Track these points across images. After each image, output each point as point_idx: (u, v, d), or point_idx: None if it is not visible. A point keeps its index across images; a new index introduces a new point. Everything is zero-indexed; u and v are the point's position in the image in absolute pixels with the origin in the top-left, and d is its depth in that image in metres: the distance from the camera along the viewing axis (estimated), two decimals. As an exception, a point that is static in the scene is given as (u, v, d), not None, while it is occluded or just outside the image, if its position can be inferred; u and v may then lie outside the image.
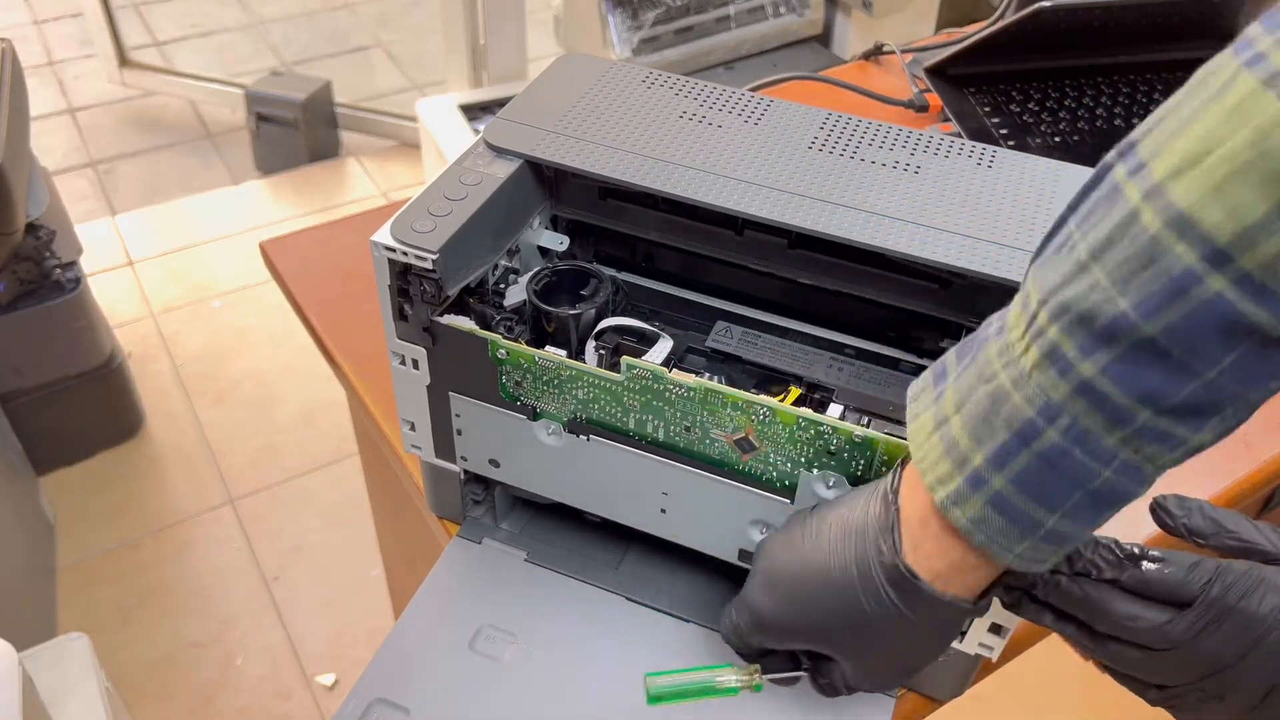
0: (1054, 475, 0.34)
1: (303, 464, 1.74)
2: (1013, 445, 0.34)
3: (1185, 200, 0.29)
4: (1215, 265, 0.29)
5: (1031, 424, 0.33)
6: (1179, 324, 0.30)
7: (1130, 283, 0.31)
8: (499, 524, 0.60)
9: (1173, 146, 0.30)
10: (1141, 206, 0.30)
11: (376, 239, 0.46)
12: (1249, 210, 0.28)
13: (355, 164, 2.47)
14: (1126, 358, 0.31)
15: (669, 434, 0.49)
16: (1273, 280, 0.29)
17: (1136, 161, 0.32)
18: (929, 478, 0.36)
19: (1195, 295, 0.30)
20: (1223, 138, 0.29)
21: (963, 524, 0.36)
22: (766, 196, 0.49)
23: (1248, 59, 0.29)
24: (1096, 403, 0.32)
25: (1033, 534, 0.35)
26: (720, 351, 0.53)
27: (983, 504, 0.35)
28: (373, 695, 0.51)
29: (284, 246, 0.83)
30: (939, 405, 0.37)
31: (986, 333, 0.36)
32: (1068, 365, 0.32)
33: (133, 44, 2.68)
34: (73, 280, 1.54)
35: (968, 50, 0.93)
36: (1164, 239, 0.30)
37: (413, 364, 0.51)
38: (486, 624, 0.55)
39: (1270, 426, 0.71)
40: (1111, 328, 0.31)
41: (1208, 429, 0.33)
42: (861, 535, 0.40)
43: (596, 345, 0.51)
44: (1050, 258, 0.34)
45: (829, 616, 0.41)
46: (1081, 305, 0.31)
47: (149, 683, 1.42)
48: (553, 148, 0.51)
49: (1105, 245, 0.31)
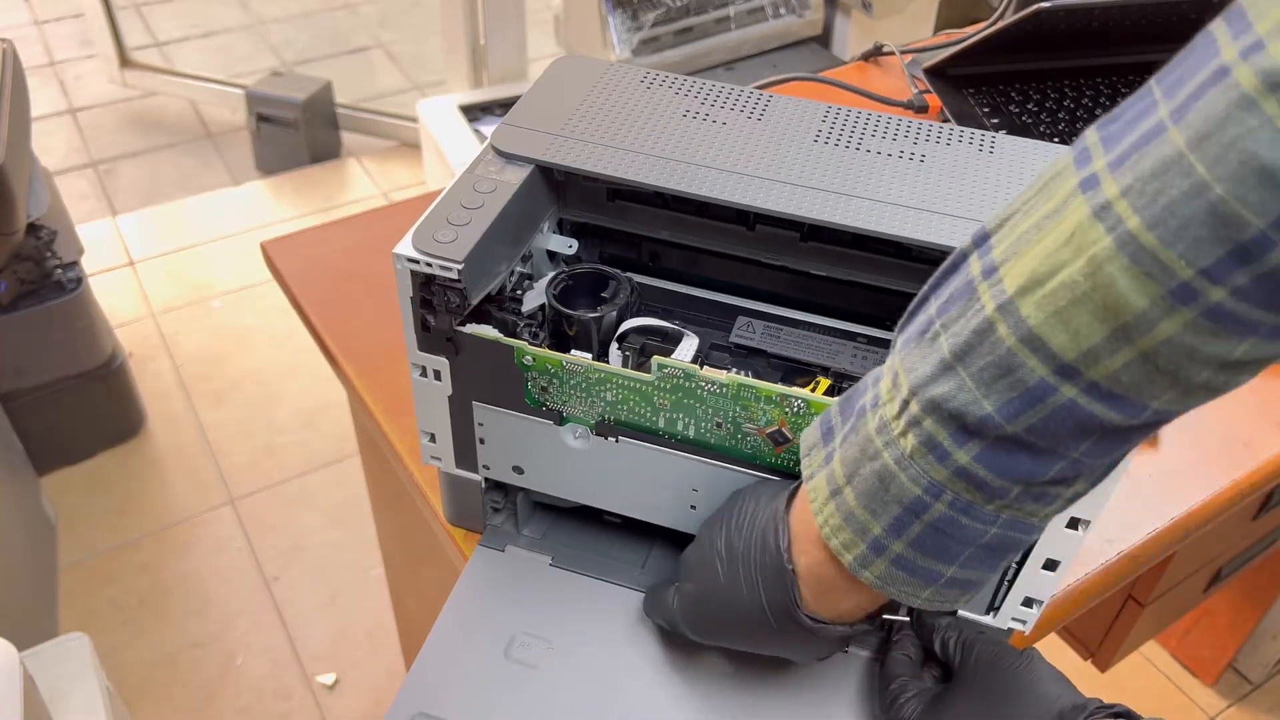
0: (946, 538, 0.37)
1: (303, 464, 1.74)
2: (905, 518, 0.37)
3: (1033, 320, 0.32)
4: (1065, 377, 0.33)
5: (919, 500, 0.37)
6: (1038, 424, 0.34)
7: (992, 388, 0.34)
8: (521, 531, 0.60)
9: (1023, 261, 0.33)
10: (996, 319, 0.33)
11: (399, 251, 0.46)
12: (1089, 334, 0.32)
13: (355, 164, 2.47)
14: (995, 448, 0.35)
15: (700, 431, 0.49)
16: (1118, 387, 0.32)
17: (990, 262, 0.35)
18: (834, 542, 0.40)
19: (1050, 402, 0.33)
20: (1062, 262, 0.32)
21: (873, 581, 0.40)
22: (777, 190, 0.49)
23: (1083, 179, 0.32)
24: (975, 484, 0.36)
25: (935, 583, 0.39)
26: (744, 346, 0.53)
27: (886, 565, 0.39)
28: (414, 709, 0.51)
29: (284, 246, 0.83)
30: (830, 470, 0.40)
31: (864, 399, 0.39)
32: (945, 453, 0.35)
33: (133, 44, 2.68)
34: (73, 280, 1.54)
35: (967, 51, 0.94)
36: (1019, 352, 0.33)
37: (434, 375, 0.51)
38: (519, 631, 0.55)
39: (1270, 426, 0.71)
40: (979, 426, 0.34)
41: (1080, 484, 0.37)
42: (766, 582, 0.44)
43: (621, 347, 0.51)
44: (915, 343, 0.37)
45: (747, 637, 0.47)
46: (951, 404, 0.35)
47: (149, 683, 1.42)
48: (563, 152, 0.51)
49: (966, 350, 0.34)
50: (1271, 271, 0.29)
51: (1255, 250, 0.29)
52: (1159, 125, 0.30)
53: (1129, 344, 0.31)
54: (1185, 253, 0.29)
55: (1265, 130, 0.28)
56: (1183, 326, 0.30)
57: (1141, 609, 0.97)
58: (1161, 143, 0.30)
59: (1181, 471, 0.68)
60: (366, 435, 0.87)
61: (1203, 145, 0.29)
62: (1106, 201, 0.31)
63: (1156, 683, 1.50)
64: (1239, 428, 0.71)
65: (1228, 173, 0.28)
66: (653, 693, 0.53)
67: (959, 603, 0.41)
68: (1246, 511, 0.91)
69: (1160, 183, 0.30)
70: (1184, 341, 0.31)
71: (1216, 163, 0.29)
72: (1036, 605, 0.49)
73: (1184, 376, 0.32)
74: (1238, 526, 0.95)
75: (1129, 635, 1.01)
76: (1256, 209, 0.28)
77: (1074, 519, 0.45)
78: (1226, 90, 0.28)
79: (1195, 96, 0.29)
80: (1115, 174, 0.31)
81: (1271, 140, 0.27)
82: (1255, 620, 1.38)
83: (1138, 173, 0.30)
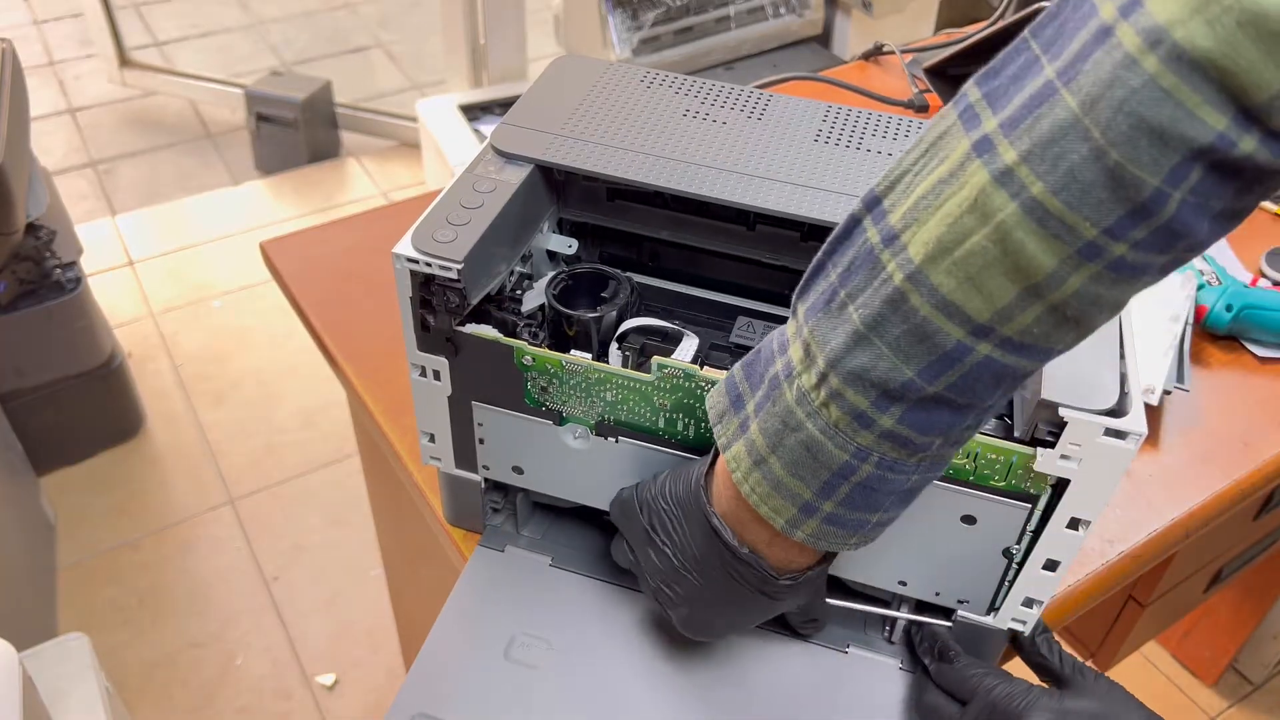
0: (874, 493, 0.39)
1: (303, 464, 1.74)
2: (835, 481, 0.39)
3: (946, 288, 0.34)
4: (980, 337, 0.34)
5: (847, 465, 0.38)
6: (958, 382, 0.35)
7: (910, 354, 0.35)
8: (520, 531, 0.60)
9: (926, 229, 0.34)
10: (908, 289, 0.34)
11: (398, 251, 0.46)
12: (1001, 295, 0.33)
13: (355, 164, 2.47)
14: (917, 408, 0.36)
15: (700, 432, 0.49)
16: (1030, 339, 0.34)
17: (888, 229, 0.35)
18: (763, 509, 0.41)
19: (968, 361, 0.35)
20: (968, 229, 0.33)
21: (805, 539, 0.41)
22: (778, 190, 0.49)
23: (976, 142, 0.33)
24: (899, 443, 0.37)
25: (862, 530, 0.41)
26: (744, 346, 0.53)
27: (818, 523, 0.40)
28: (414, 710, 0.51)
29: (284, 246, 0.83)
30: (748, 440, 0.41)
31: (775, 368, 0.40)
32: (869, 420, 0.37)
33: (133, 44, 2.68)
34: (73, 280, 1.54)
35: (967, 50, 0.93)
36: (934, 319, 0.34)
37: (434, 375, 0.51)
38: (519, 631, 0.55)
39: (1270, 426, 0.71)
40: (901, 391, 0.36)
41: (986, 421, 0.39)
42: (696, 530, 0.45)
43: (621, 347, 0.51)
44: (822, 310, 0.37)
45: (722, 606, 0.47)
46: (871, 374, 0.36)
47: (149, 683, 1.42)
48: (563, 151, 0.51)
49: (879, 321, 0.35)
50: (1166, 223, 0.31)
51: (1152, 207, 0.30)
52: (1049, 86, 0.31)
53: (1039, 299, 0.33)
54: (1090, 215, 0.31)
55: (1149, 89, 0.29)
56: (1089, 278, 0.32)
57: (1142, 609, 0.97)
58: (1055, 105, 0.31)
59: (1182, 472, 0.67)
60: (366, 435, 0.87)
61: (1095, 109, 0.30)
62: (1007, 167, 0.32)
63: (1157, 683, 1.50)
64: (1239, 428, 0.70)
65: (1120, 136, 0.29)
66: (653, 693, 0.53)
67: (875, 537, 0.42)
68: (1247, 512, 0.91)
69: (1059, 148, 0.31)
70: (1090, 291, 0.33)
71: (1109, 127, 0.30)
72: (1037, 605, 0.49)
73: (1088, 322, 0.34)
74: (1238, 527, 0.95)
75: (1129, 636, 1.01)
76: (1149, 168, 0.30)
77: (1074, 519, 0.45)
78: (1110, 51, 0.29)
79: (1081, 57, 0.30)
80: (1010, 138, 0.32)
81: (1156, 100, 0.29)
82: (1256, 621, 1.38)
83: (1035, 137, 0.31)
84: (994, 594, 0.50)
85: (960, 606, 0.51)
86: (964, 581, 0.50)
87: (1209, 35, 0.28)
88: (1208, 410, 0.72)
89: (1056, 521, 0.45)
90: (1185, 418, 0.71)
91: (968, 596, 0.51)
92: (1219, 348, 0.77)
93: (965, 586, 0.50)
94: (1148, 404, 0.69)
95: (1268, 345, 0.77)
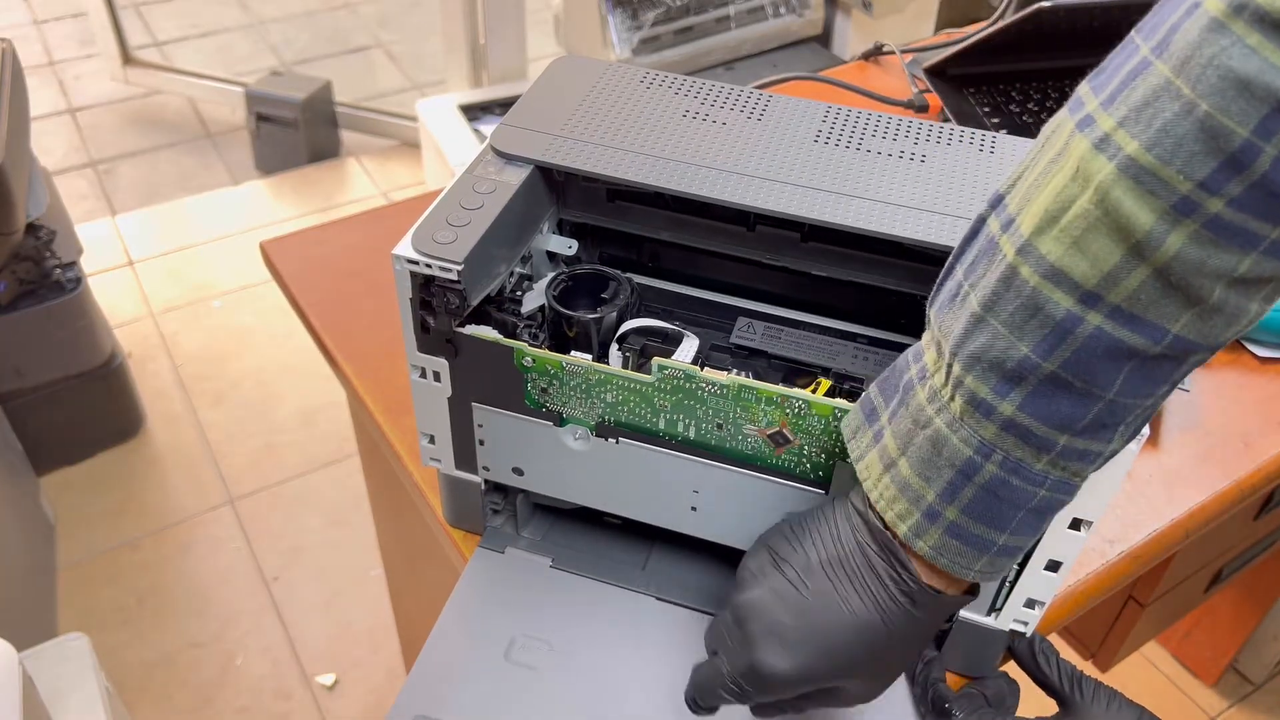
0: (998, 501, 0.38)
1: (303, 464, 1.74)
2: (958, 481, 0.38)
3: (1053, 255, 0.35)
4: (1090, 305, 0.35)
5: (971, 461, 0.38)
6: (1072, 358, 0.35)
7: (1024, 329, 0.36)
8: (520, 532, 0.60)
9: (1034, 205, 0.35)
10: (1018, 262, 0.35)
11: (398, 252, 0.46)
12: (1107, 257, 0.34)
13: (355, 164, 2.47)
14: (1037, 393, 0.36)
15: (700, 432, 0.49)
16: (1139, 308, 0.34)
17: (1006, 217, 0.37)
18: (889, 515, 0.40)
19: (1080, 332, 0.35)
20: (1072, 197, 0.34)
21: (927, 552, 0.40)
22: (778, 190, 0.49)
23: (1079, 120, 0.35)
24: (1022, 435, 0.37)
25: (987, 551, 0.40)
26: (745, 347, 0.53)
27: (940, 533, 0.40)
28: (414, 711, 0.51)
29: (284, 246, 0.83)
30: (881, 447, 0.41)
31: (909, 374, 0.40)
32: (990, 408, 0.37)
33: (133, 44, 2.67)
34: (73, 280, 1.54)
35: (967, 50, 0.93)
36: (1043, 289, 0.35)
37: (434, 376, 0.51)
38: (520, 633, 0.55)
39: (1270, 426, 0.71)
40: (1018, 370, 0.36)
41: (1117, 438, 0.38)
42: (865, 573, 0.42)
43: (622, 348, 0.51)
44: (948, 306, 0.39)
45: (857, 655, 0.43)
46: (989, 354, 0.36)
47: (149, 683, 1.42)
48: (563, 152, 0.51)
49: (994, 299, 0.36)
50: (1260, 180, 0.31)
51: (1243, 159, 0.31)
52: (1143, 61, 0.33)
53: (1143, 260, 0.33)
54: (1183, 168, 0.32)
55: (1236, 47, 0.30)
56: (1188, 238, 0.32)
57: (1142, 609, 0.97)
58: (1149, 74, 0.33)
59: (1182, 472, 0.67)
60: (366, 435, 0.87)
61: (1185, 68, 0.31)
62: (1105, 134, 0.33)
63: (1157, 683, 1.50)
64: (1239, 428, 0.70)
65: (1209, 88, 0.31)
66: (654, 694, 0.53)
67: (1003, 573, 0.41)
68: (1247, 512, 0.91)
69: (1153, 109, 0.32)
70: (1191, 255, 0.33)
71: (1198, 81, 0.31)
72: (1039, 606, 0.49)
73: (1196, 293, 0.34)
74: (1238, 527, 0.95)
75: (1130, 636, 1.01)
76: (1238, 118, 0.31)
77: (1076, 519, 0.45)
78: (1198, 19, 0.31)
79: (1172, 30, 0.32)
80: (1109, 110, 0.33)
81: (1243, 54, 0.30)
82: (1256, 621, 1.38)
83: (1130, 104, 0.33)
84: (995, 595, 0.50)
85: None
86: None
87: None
88: (1208, 410, 0.72)
89: (1058, 522, 0.45)
90: (1185, 418, 0.71)
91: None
92: (1219, 348, 0.77)
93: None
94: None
95: (1268, 345, 0.77)
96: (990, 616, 0.51)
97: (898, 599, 0.41)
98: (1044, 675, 0.51)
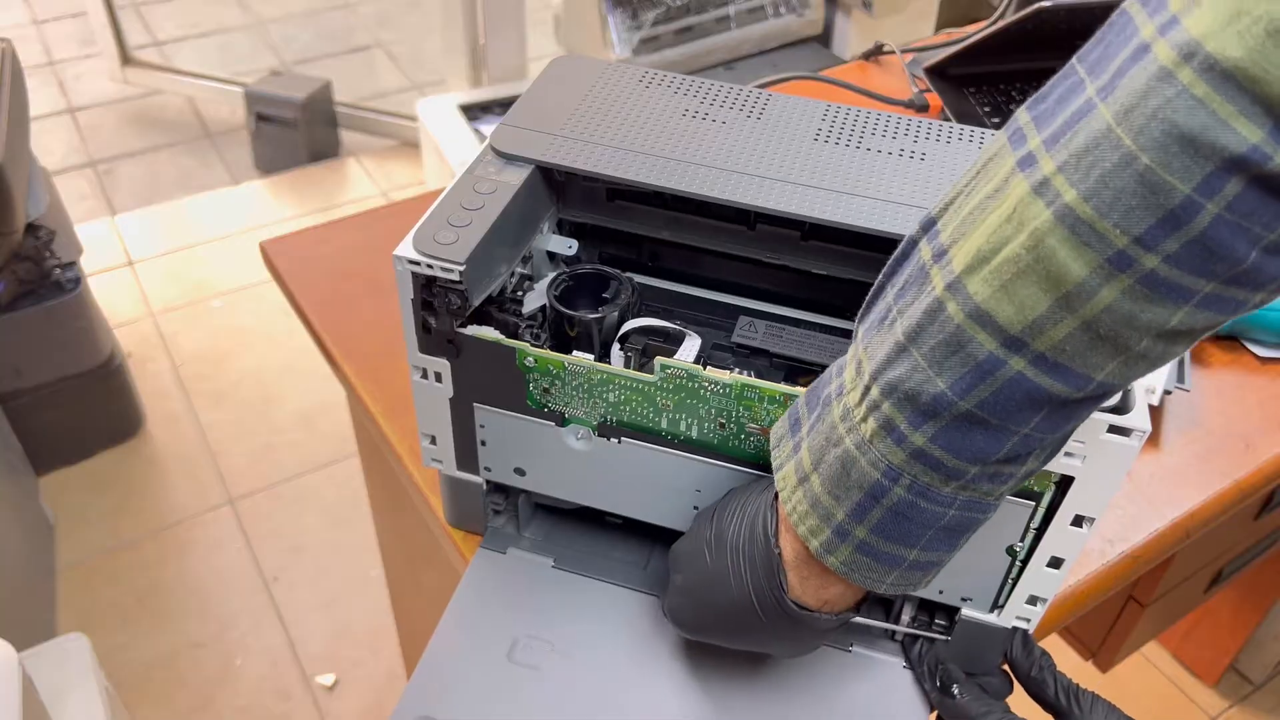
0: (907, 522, 0.38)
1: (303, 464, 1.74)
2: (866, 502, 0.38)
3: (980, 296, 0.34)
4: (1013, 350, 0.34)
5: (879, 484, 0.38)
6: (990, 399, 0.35)
7: (944, 365, 0.35)
8: (522, 533, 0.60)
9: (969, 241, 0.34)
10: (945, 297, 0.35)
11: (399, 253, 0.46)
12: (1034, 305, 0.33)
13: (355, 164, 2.47)
14: (951, 428, 0.36)
15: (703, 432, 0.49)
16: (1064, 358, 0.33)
17: (939, 245, 0.36)
18: (801, 529, 0.41)
19: (1000, 375, 0.34)
20: (1005, 238, 0.33)
21: (838, 567, 0.40)
22: (778, 189, 0.49)
23: (1021, 158, 0.33)
24: (931, 465, 0.37)
25: (898, 567, 0.40)
26: (747, 346, 0.53)
27: (851, 550, 0.40)
28: (417, 713, 0.51)
29: (284, 246, 0.83)
30: (798, 460, 0.41)
31: (829, 388, 0.40)
32: (901, 436, 0.36)
33: (133, 44, 2.68)
34: (72, 280, 1.54)
35: (968, 50, 0.93)
36: (967, 329, 0.34)
37: (435, 377, 0.51)
38: (523, 634, 0.55)
39: (1270, 426, 0.71)
40: (934, 405, 0.35)
41: (1031, 462, 0.38)
42: (753, 568, 0.44)
43: (623, 347, 0.51)
44: (875, 329, 0.38)
45: (744, 629, 0.47)
46: (906, 385, 0.36)
47: (149, 683, 1.42)
48: (563, 152, 0.51)
49: (918, 330, 0.35)
50: (1198, 237, 0.30)
51: (1183, 216, 0.30)
52: (1088, 103, 0.32)
53: (1071, 313, 0.32)
54: (1120, 221, 0.31)
55: (1182, 98, 0.29)
56: (1120, 293, 0.32)
57: (1143, 609, 0.97)
58: (1092, 119, 0.31)
59: (1182, 472, 0.67)
60: (366, 436, 0.87)
61: (1129, 118, 0.30)
62: (1045, 178, 0.32)
63: (1157, 683, 1.50)
64: (1239, 428, 0.70)
65: (1152, 142, 0.30)
66: (657, 694, 0.53)
67: (920, 586, 0.41)
68: (1248, 512, 0.91)
69: (1093, 156, 0.31)
70: (1122, 308, 0.32)
71: (1141, 133, 0.30)
72: (1041, 603, 0.49)
73: (1124, 344, 0.33)
74: (1239, 527, 0.95)
75: (1130, 636, 1.01)
76: (1180, 175, 0.29)
77: (1079, 516, 0.45)
78: (1146, 65, 0.30)
79: (1119, 74, 0.31)
80: (1051, 151, 0.32)
81: (1189, 107, 0.29)
82: (1256, 621, 1.38)
83: (1072, 149, 0.32)
84: (997, 592, 0.50)
85: (964, 605, 0.51)
86: (967, 579, 0.50)
87: (1239, 45, 0.28)
88: (1208, 410, 0.72)
89: (1060, 519, 0.45)
90: (1186, 418, 0.71)
91: (971, 594, 0.50)
92: (1219, 348, 0.77)
93: (968, 584, 0.50)
94: (1149, 404, 0.69)
95: (1268, 345, 0.77)
96: (993, 614, 0.51)
97: (770, 600, 0.44)
98: (1040, 689, 0.51)
